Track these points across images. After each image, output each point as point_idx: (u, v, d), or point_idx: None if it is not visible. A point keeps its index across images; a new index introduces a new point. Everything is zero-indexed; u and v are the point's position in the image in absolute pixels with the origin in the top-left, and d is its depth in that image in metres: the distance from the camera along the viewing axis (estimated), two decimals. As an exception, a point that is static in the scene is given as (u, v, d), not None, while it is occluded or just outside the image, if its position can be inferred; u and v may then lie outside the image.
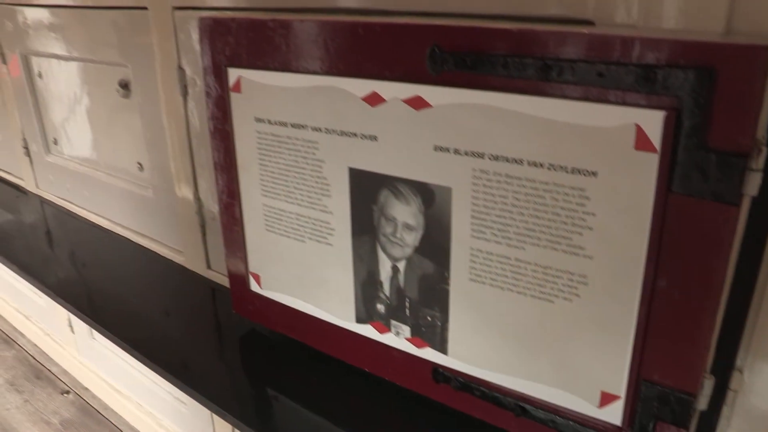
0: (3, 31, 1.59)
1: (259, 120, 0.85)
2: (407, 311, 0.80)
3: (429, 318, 0.78)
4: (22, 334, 2.32)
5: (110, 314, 1.28)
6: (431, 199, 0.72)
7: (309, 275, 0.88)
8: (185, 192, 1.18)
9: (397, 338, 0.82)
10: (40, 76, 1.55)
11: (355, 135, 0.76)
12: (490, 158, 0.66)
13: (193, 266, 1.25)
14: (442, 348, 0.78)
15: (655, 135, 0.56)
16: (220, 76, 0.88)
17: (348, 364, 0.90)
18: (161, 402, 1.58)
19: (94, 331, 1.76)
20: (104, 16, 1.25)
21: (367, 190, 0.77)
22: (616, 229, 0.60)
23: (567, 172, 0.61)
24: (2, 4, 1.55)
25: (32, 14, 1.47)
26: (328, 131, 0.78)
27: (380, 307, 0.82)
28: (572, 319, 0.66)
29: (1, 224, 1.84)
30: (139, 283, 1.37)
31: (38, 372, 2.12)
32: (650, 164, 0.57)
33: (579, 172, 0.61)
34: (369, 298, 0.83)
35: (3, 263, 1.61)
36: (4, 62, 1.63)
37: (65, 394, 2.00)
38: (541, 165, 0.63)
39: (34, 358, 2.19)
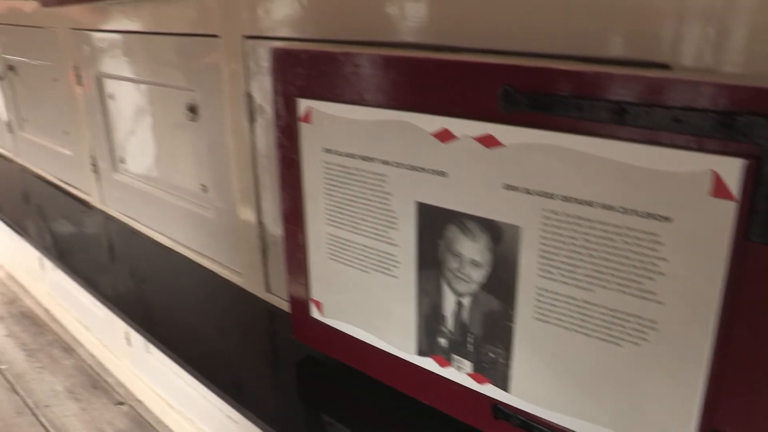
0: (80, 54, 1.65)
1: (327, 151, 0.87)
2: (470, 346, 0.80)
3: (492, 354, 0.77)
4: (81, 344, 2.38)
5: (167, 330, 1.31)
6: (499, 237, 0.72)
7: (371, 305, 0.89)
8: (247, 215, 1.21)
9: (458, 373, 0.82)
10: (111, 97, 1.61)
11: (424, 170, 0.76)
12: (560, 199, 0.66)
13: (252, 288, 1.27)
14: (504, 385, 0.78)
15: (734, 183, 0.55)
16: (289, 106, 0.90)
17: (406, 395, 0.91)
18: (213, 419, 1.61)
19: (150, 345, 1.80)
20: (174, 42, 1.29)
21: (434, 225, 0.78)
22: (689, 276, 0.59)
23: (640, 216, 0.61)
24: (81, 30, 1.61)
25: (106, 39, 1.53)
26: (396, 165, 0.79)
27: (442, 341, 0.82)
28: (640, 364, 0.65)
29: (66, 237, 1.91)
30: (197, 302, 1.40)
31: (95, 382, 2.17)
32: (727, 212, 0.56)
33: (652, 216, 0.60)
34: (431, 332, 0.83)
35: (66, 274, 1.66)
36: (80, 84, 1.70)
37: (120, 405, 2.05)
38: (614, 208, 0.63)
39: (92, 368, 2.25)
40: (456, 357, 0.82)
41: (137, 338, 1.89)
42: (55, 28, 1.76)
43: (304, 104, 0.88)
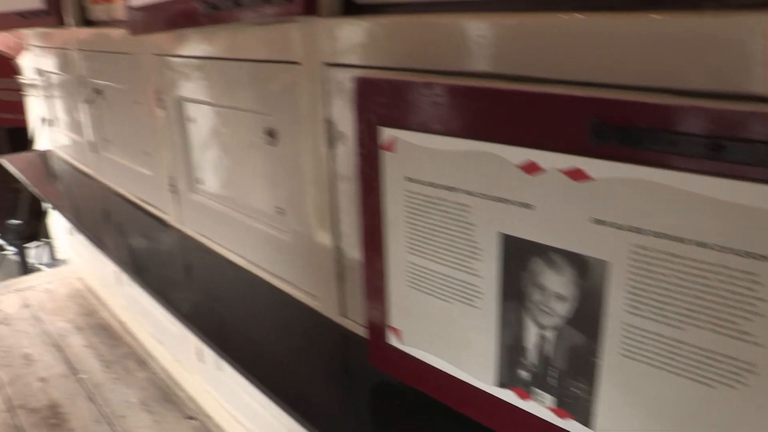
0: (162, 77, 1.72)
1: (410, 179, 0.88)
2: (552, 380, 0.79)
3: (575, 389, 0.76)
4: (154, 358, 2.45)
5: (239, 348, 1.34)
6: (585, 271, 0.71)
7: (451, 335, 0.89)
8: (325, 239, 1.23)
9: (539, 406, 0.81)
10: (190, 120, 1.66)
11: (508, 201, 0.76)
12: (651, 235, 0.65)
13: (327, 311, 1.29)
14: (587, 421, 0.76)
15: (840, 224, 0.53)
16: (372, 134, 0.92)
17: (482, 426, 0.90)
18: (282, 438, 1.63)
19: (221, 362, 1.84)
20: (254, 68, 1.33)
21: (519, 257, 0.77)
22: (791, 319, 0.58)
23: (737, 254, 0.59)
24: (163, 56, 1.68)
25: (187, 64, 1.59)
26: (480, 196, 0.79)
27: (523, 374, 0.82)
28: (735, 408, 0.63)
29: (143, 253, 1.97)
30: (271, 322, 1.42)
31: (167, 395, 2.23)
32: (833, 254, 0.54)
33: (751, 255, 0.59)
34: (512, 364, 0.83)
35: (143, 289, 1.71)
36: (162, 107, 1.76)
37: (190, 420, 2.09)
38: (708, 246, 0.61)
39: (164, 382, 2.31)
40: (537, 390, 0.81)
41: (209, 354, 1.93)
42: (140, 54, 1.83)
43: (386, 133, 0.89)
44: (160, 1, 1.48)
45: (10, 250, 5.83)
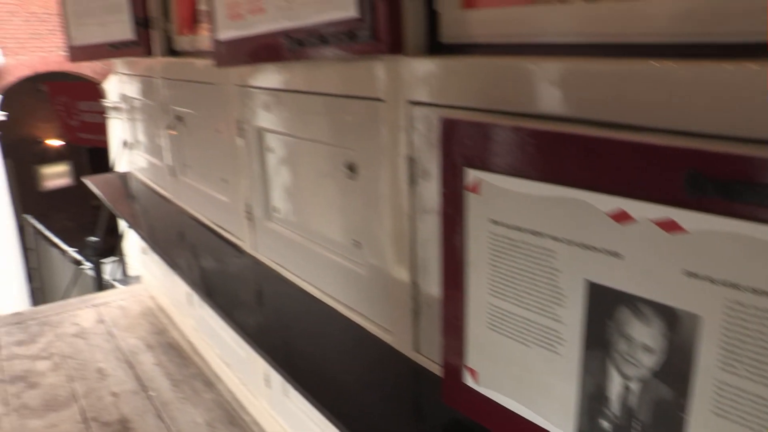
0: (243, 107, 1.77)
1: (494, 222, 0.88)
2: (636, 433, 0.77)
3: (661, 445, 0.74)
4: (221, 380, 2.49)
5: (308, 375, 1.35)
6: (676, 324, 0.70)
7: (530, 379, 0.88)
8: (401, 274, 1.23)
9: (622, 459, 0.79)
10: (269, 149, 1.71)
11: (596, 249, 0.76)
12: (749, 291, 0.63)
13: (400, 346, 1.29)
14: (672, 478, 0.74)
15: None
16: (457, 175, 0.92)
17: (559, 473, 0.88)
18: (347, 469, 1.63)
19: (288, 388, 1.86)
20: (337, 102, 1.36)
21: (605, 305, 0.76)
22: None
23: (842, 317, 0.57)
24: (246, 87, 1.73)
25: (270, 96, 1.63)
26: (566, 242, 0.79)
27: (605, 424, 0.80)
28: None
29: (216, 277, 2.02)
30: (341, 353, 1.43)
31: (232, 418, 2.26)
32: None
33: None
34: (593, 413, 0.81)
35: (213, 311, 1.76)
36: (242, 136, 1.81)
37: (254, 444, 2.12)
38: (811, 306, 0.59)
39: (230, 404, 2.34)
40: (620, 442, 0.79)
41: (276, 380, 1.95)
42: (222, 84, 1.89)
43: (472, 174, 0.90)
44: (246, 35, 1.54)
45: (88, 266, 6.06)
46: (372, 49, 1.16)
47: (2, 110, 9.09)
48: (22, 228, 9.48)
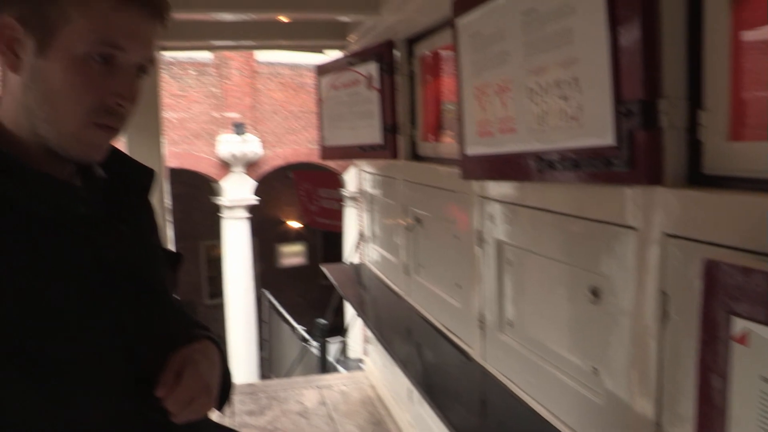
0: (484, 218, 1.82)
1: (765, 380, 0.80)
2: None
3: None
4: (434, 484, 2.47)
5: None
6: None
7: None
8: (645, 410, 1.16)
9: None
10: (509, 262, 1.72)
11: None
12: None
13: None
14: None
15: None
16: (720, 322, 0.87)
17: None
18: None
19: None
20: (586, 226, 1.34)
21: None
22: None
23: None
24: (488, 198, 1.78)
25: (511, 210, 1.67)
26: None
27: None
28: None
29: (439, 378, 2.04)
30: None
31: None
32: None
33: None
34: None
35: (433, 411, 1.77)
36: (480, 246, 1.85)
37: None
38: None
39: None
40: None
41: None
42: (464, 193, 1.96)
43: (739, 324, 0.84)
44: (494, 153, 1.59)
45: (314, 345, 6.46)
46: (627, 177, 1.14)
47: (255, 195, 10.17)
48: (260, 300, 10.37)
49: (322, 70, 3.25)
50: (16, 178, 0.81)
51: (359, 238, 3.79)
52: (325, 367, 5.70)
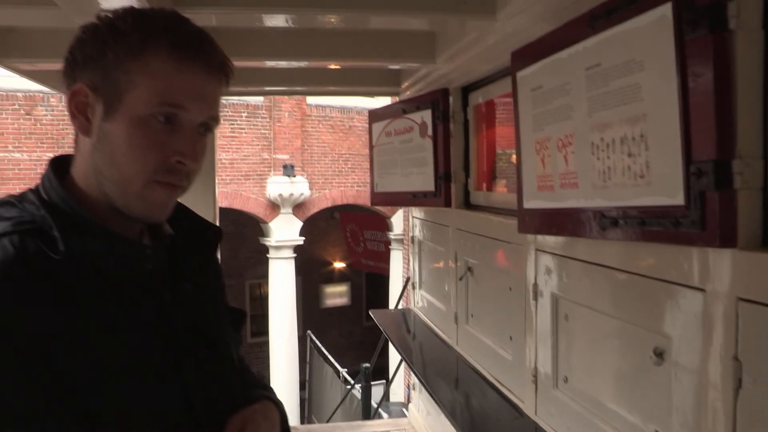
0: (540, 271, 1.79)
1: None
2: None
3: None
4: None
5: None
6: None
7: None
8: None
9: None
10: (565, 318, 1.68)
11: None
12: None
13: None
14: None
15: None
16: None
17: None
18: None
19: None
20: (647, 283, 1.31)
21: None
22: None
23: None
24: (544, 251, 1.75)
25: (570, 265, 1.63)
26: None
27: None
28: None
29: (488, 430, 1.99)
30: None
31: None
32: None
33: None
34: None
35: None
36: (536, 299, 1.82)
37: None
38: None
39: None
40: None
41: None
42: (519, 245, 1.94)
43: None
44: (554, 207, 1.57)
45: (356, 388, 6.40)
46: (698, 238, 1.11)
47: (301, 235, 10.24)
48: (302, 340, 10.35)
49: (374, 116, 3.27)
50: (86, 235, 0.82)
51: (405, 283, 3.77)
52: (369, 411, 5.63)
